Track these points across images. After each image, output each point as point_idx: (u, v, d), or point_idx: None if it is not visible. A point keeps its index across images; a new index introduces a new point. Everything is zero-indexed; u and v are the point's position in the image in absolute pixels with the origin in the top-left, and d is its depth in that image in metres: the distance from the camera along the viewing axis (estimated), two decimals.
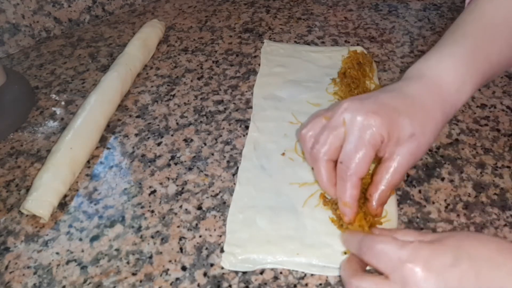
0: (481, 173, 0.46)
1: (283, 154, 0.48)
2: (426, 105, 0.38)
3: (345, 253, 0.38)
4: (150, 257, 0.40)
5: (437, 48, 0.41)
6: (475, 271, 0.28)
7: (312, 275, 0.38)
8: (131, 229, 0.43)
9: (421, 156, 0.39)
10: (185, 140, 0.52)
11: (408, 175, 0.46)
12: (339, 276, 0.38)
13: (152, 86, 0.60)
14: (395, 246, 0.31)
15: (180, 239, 0.41)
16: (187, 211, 0.44)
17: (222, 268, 0.39)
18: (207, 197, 0.45)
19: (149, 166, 0.49)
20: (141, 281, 0.38)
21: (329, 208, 0.42)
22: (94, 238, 0.42)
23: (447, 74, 0.39)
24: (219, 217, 0.43)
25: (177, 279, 0.38)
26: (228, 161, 0.49)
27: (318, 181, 0.40)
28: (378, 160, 0.39)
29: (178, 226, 0.43)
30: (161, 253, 0.40)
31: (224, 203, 0.44)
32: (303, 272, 0.38)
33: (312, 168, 0.41)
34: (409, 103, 0.38)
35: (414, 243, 0.31)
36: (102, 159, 0.50)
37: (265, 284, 0.38)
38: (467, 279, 0.28)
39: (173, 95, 0.58)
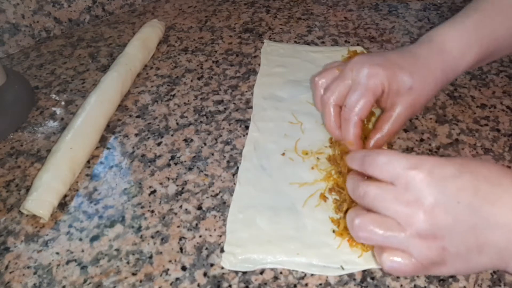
0: None
1: (283, 154, 0.48)
2: (427, 64, 0.43)
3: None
4: (150, 257, 0.40)
5: (450, 19, 0.46)
6: (474, 186, 0.30)
7: (312, 275, 0.38)
8: (131, 229, 0.43)
9: (418, 110, 0.45)
10: (185, 140, 0.52)
11: None
12: (339, 276, 0.38)
13: (152, 86, 0.60)
14: (400, 156, 0.33)
15: (180, 239, 0.41)
16: (187, 211, 0.44)
17: (222, 268, 0.39)
18: (207, 197, 0.45)
19: (149, 166, 0.49)
20: (141, 281, 0.38)
21: (334, 207, 0.42)
22: (94, 238, 0.42)
23: (452, 40, 0.44)
24: (219, 217, 0.43)
25: (177, 279, 0.38)
26: (228, 161, 0.49)
27: (326, 124, 0.46)
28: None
29: (178, 226, 0.43)
30: (161, 253, 0.40)
31: (224, 203, 0.44)
32: (303, 272, 0.38)
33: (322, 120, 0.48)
34: (412, 61, 0.43)
35: (420, 155, 0.33)
36: (102, 159, 0.50)
37: (265, 284, 0.38)
38: (465, 191, 0.30)
39: (173, 95, 0.58)
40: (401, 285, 0.37)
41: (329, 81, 0.46)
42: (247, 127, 0.52)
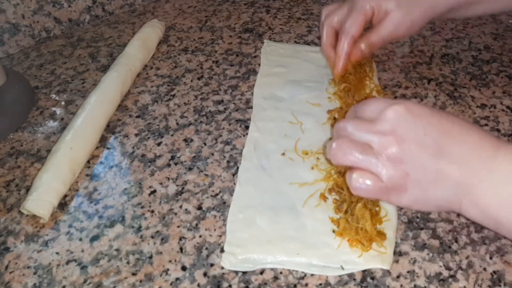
0: None
1: (283, 154, 0.48)
2: None
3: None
4: (150, 257, 0.40)
5: None
6: (442, 124, 0.35)
7: (312, 275, 0.38)
8: (131, 229, 0.43)
9: (402, 32, 0.50)
10: (185, 140, 0.52)
11: None
12: (339, 276, 0.38)
13: (152, 86, 0.60)
14: (387, 99, 0.37)
15: (180, 239, 0.41)
16: (187, 211, 0.44)
17: (222, 268, 0.39)
18: (207, 197, 0.45)
19: (149, 166, 0.49)
20: (141, 281, 0.38)
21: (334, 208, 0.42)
22: (94, 238, 0.42)
23: None
24: (219, 217, 0.43)
25: (177, 279, 0.38)
26: (228, 161, 0.49)
27: (322, 44, 0.53)
28: None
29: (178, 226, 0.43)
30: (161, 253, 0.40)
31: (224, 203, 0.44)
32: (303, 272, 0.38)
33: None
34: None
35: (404, 100, 0.38)
36: (102, 159, 0.50)
37: (265, 284, 0.38)
38: (434, 126, 0.34)
39: (173, 95, 0.58)
40: (401, 285, 0.37)
41: (332, 11, 0.53)
42: (247, 127, 0.52)
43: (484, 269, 0.38)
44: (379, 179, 0.35)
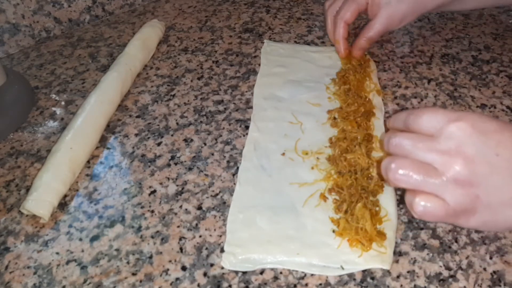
0: None
1: (283, 154, 0.48)
2: None
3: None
4: (150, 257, 0.40)
5: None
6: None
7: (312, 275, 0.38)
8: (131, 229, 0.43)
9: (396, 22, 0.56)
10: (185, 140, 0.52)
11: None
12: (339, 276, 0.38)
13: (152, 86, 0.60)
14: (445, 111, 0.34)
15: (180, 239, 0.41)
16: (187, 211, 0.44)
17: (222, 268, 0.39)
18: (207, 197, 0.45)
19: (149, 166, 0.49)
20: (141, 281, 0.38)
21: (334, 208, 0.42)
22: (94, 238, 0.42)
23: None
24: (219, 217, 0.43)
25: (177, 279, 0.38)
26: (228, 161, 0.49)
27: (327, 30, 0.62)
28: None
29: (178, 226, 0.43)
30: (161, 253, 0.40)
31: (224, 203, 0.44)
32: (303, 272, 0.38)
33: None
34: None
35: (463, 110, 0.36)
36: (102, 159, 0.50)
37: (265, 284, 0.38)
38: (505, 145, 0.32)
39: (173, 95, 0.58)
40: (401, 285, 0.37)
41: (332, 1, 0.61)
42: (247, 127, 0.52)
43: (484, 269, 0.38)
44: (445, 202, 0.32)
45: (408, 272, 0.38)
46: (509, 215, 0.33)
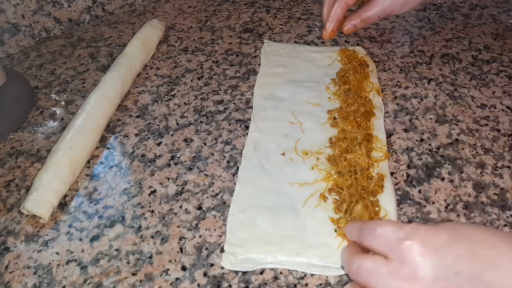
0: (481, 173, 0.46)
1: (283, 154, 0.48)
2: None
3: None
4: (150, 257, 0.40)
5: None
6: (471, 252, 0.29)
7: (312, 275, 0.38)
8: (131, 229, 0.43)
9: (399, 6, 0.55)
10: (185, 140, 0.52)
11: (408, 175, 0.46)
12: (339, 276, 0.38)
13: (152, 86, 0.60)
14: (394, 227, 0.32)
15: (180, 239, 0.41)
16: (187, 211, 0.44)
17: (222, 268, 0.39)
18: (207, 197, 0.45)
19: (149, 166, 0.49)
20: (141, 281, 0.38)
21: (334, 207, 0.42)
22: (94, 238, 0.42)
23: None
24: (219, 217, 0.43)
25: (177, 279, 0.38)
26: (228, 161, 0.49)
27: (323, 10, 0.58)
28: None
29: (178, 226, 0.43)
30: (161, 253, 0.40)
31: (224, 203, 0.44)
32: (303, 272, 0.38)
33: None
34: None
35: (412, 224, 0.32)
36: (102, 159, 0.50)
37: (265, 284, 0.38)
38: (463, 259, 0.29)
39: (173, 95, 0.58)
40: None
41: None
42: (247, 127, 0.52)
43: None
44: None
45: None
46: None
